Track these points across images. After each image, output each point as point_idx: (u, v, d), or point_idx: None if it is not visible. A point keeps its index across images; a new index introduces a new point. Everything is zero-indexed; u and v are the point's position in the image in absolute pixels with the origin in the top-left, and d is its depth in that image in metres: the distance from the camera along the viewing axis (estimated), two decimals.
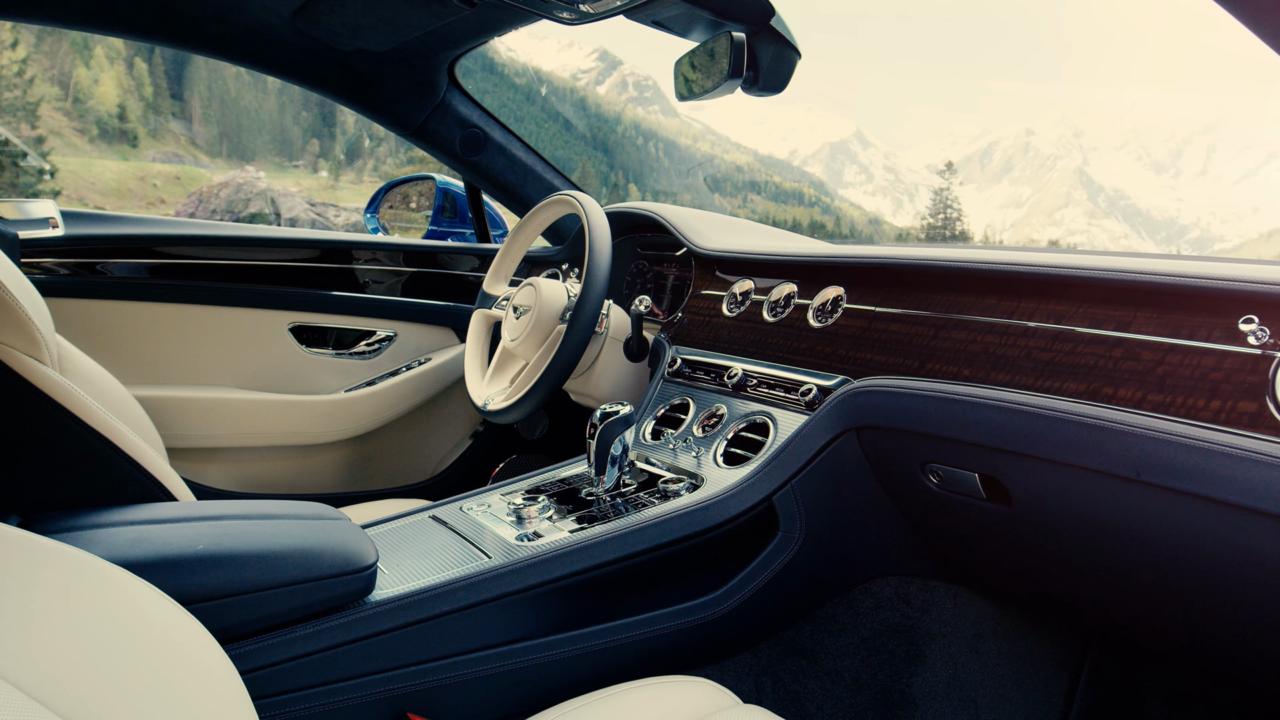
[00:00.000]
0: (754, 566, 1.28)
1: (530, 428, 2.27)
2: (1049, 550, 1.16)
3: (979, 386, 1.12)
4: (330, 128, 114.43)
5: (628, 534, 1.20)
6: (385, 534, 1.29)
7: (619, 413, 1.33)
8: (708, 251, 1.72)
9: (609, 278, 1.54)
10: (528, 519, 1.27)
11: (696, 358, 1.61)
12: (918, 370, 1.22)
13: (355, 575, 1.03)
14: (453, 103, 2.03)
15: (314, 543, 1.03)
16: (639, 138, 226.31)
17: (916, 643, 1.41)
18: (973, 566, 1.37)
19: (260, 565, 0.98)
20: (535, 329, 1.63)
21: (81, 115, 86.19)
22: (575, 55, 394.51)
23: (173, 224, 1.99)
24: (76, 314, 1.82)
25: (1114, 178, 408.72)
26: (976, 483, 1.15)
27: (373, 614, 1.04)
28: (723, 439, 1.41)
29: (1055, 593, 1.28)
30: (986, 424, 1.09)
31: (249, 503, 1.09)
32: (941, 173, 67.35)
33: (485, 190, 2.22)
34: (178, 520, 1.04)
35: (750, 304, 1.59)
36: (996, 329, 1.16)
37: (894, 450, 1.24)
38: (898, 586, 1.41)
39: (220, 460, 1.96)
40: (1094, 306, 1.08)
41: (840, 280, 1.44)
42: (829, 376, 1.34)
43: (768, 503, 1.27)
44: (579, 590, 1.18)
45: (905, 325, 1.28)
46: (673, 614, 1.23)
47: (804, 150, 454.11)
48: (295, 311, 2.03)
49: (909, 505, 1.31)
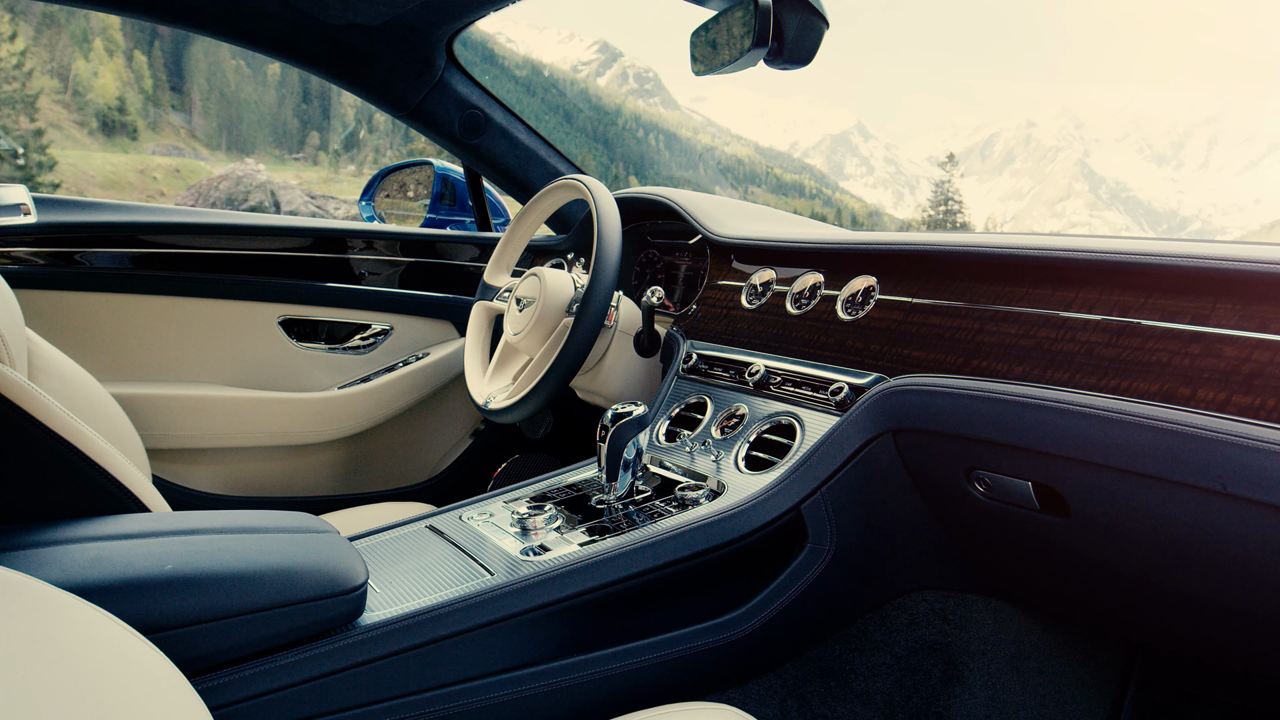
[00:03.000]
0: (780, 582, 1.17)
1: (534, 426, 2.18)
2: (1107, 564, 1.06)
3: (1034, 386, 1.01)
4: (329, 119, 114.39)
5: (643, 548, 1.09)
6: (377, 546, 1.18)
7: (632, 413, 1.22)
8: (724, 239, 1.60)
9: (619, 267, 1.44)
10: (533, 530, 1.17)
11: (713, 353, 1.50)
12: (962, 368, 1.11)
13: (342, 597, 0.93)
14: (451, 82, 1.91)
15: (297, 561, 0.93)
16: (639, 130, 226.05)
17: (954, 662, 1.31)
18: (1016, 580, 1.26)
19: (235, 587, 0.88)
20: (540, 322, 1.54)
21: (81, 108, 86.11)
22: (576, 47, 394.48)
23: (154, 211, 1.88)
24: (50, 307, 1.72)
25: (1115, 169, 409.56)
26: (1030, 492, 1.04)
27: (362, 640, 0.94)
28: (744, 442, 1.30)
29: (1104, 607, 1.18)
30: (1043, 428, 0.98)
31: (226, 514, 0.99)
32: (943, 165, 67.04)
33: (486, 175, 2.11)
34: (145, 535, 0.94)
35: (772, 295, 1.48)
36: (1052, 322, 1.05)
37: (935, 455, 1.13)
38: (934, 601, 1.31)
39: (206, 462, 1.87)
40: (1164, 297, 0.97)
41: (871, 269, 1.33)
42: (862, 374, 1.23)
43: (795, 512, 1.17)
44: (589, 610, 1.07)
45: (947, 318, 1.17)
46: (692, 635, 1.13)
47: (804, 142, 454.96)
48: (285, 304, 1.94)
49: (950, 515, 1.20)
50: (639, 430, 1.22)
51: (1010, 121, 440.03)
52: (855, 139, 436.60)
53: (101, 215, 1.79)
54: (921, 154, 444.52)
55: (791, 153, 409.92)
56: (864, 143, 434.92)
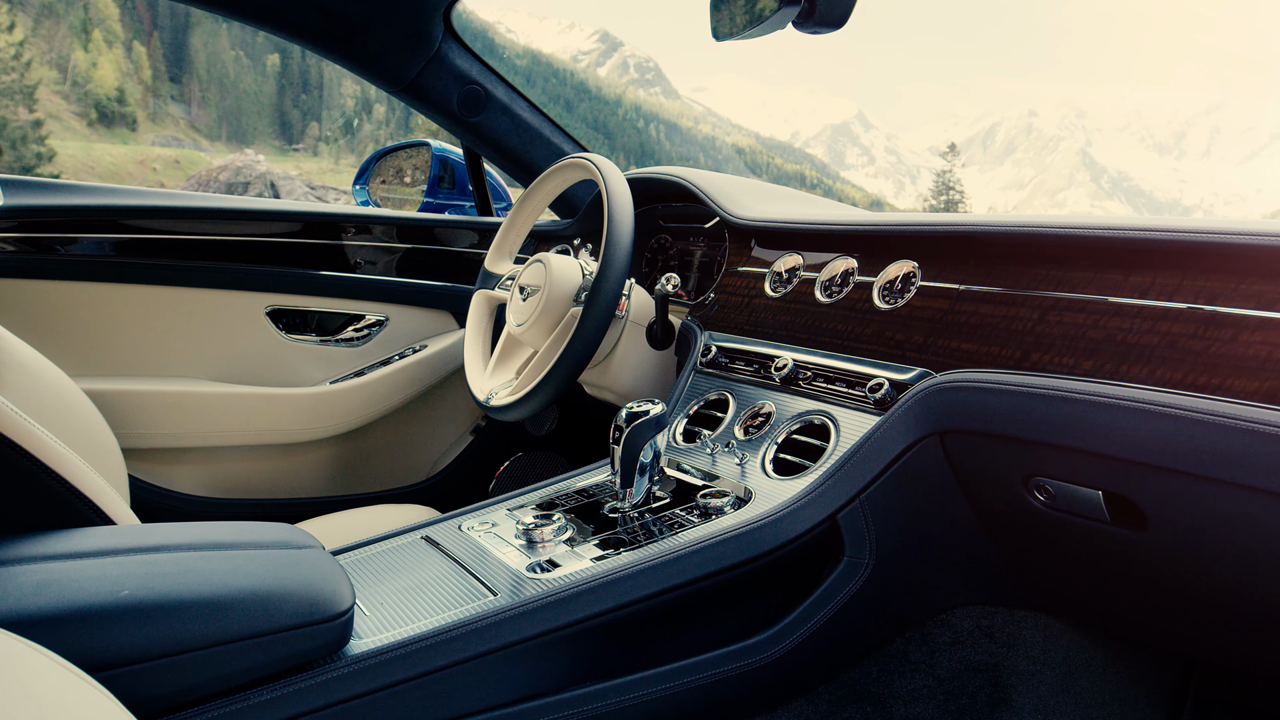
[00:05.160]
0: (814, 599, 1.06)
1: (538, 423, 2.08)
2: (1182, 581, 0.95)
3: (1106, 383, 0.90)
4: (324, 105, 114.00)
5: (663, 564, 0.98)
6: (366, 561, 1.07)
7: (649, 412, 1.11)
8: (745, 221, 1.48)
9: (632, 251, 1.32)
10: (540, 543, 1.06)
11: (734, 345, 1.38)
12: (1020, 362, 1.00)
13: (325, 624, 0.82)
14: (449, 55, 1.79)
15: (273, 582, 0.82)
16: (640, 120, 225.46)
17: (1001, 684, 1.19)
18: (1072, 595, 1.15)
19: (201, 615, 0.77)
20: (545, 312, 1.42)
21: (80, 99, 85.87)
22: (576, 37, 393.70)
23: (131, 194, 1.76)
24: (18, 296, 1.61)
25: (1117, 159, 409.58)
26: (1100, 502, 0.93)
27: (347, 673, 0.84)
28: (772, 443, 1.18)
29: (1168, 623, 1.07)
30: (1119, 430, 0.87)
31: (196, 528, 0.88)
32: (944, 154, 66.62)
33: (486, 156, 2.00)
34: (102, 554, 0.82)
35: (799, 282, 1.36)
36: (1125, 311, 0.93)
37: (989, 460, 1.02)
38: (979, 618, 1.19)
39: (189, 462, 1.76)
40: (1260, 282, 0.85)
41: (911, 253, 1.21)
42: (904, 369, 1.11)
43: (831, 522, 1.05)
44: (604, 634, 0.96)
45: (1001, 307, 1.05)
46: (716, 659, 1.02)
47: (805, 132, 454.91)
48: (273, 293, 1.83)
49: (1002, 526, 1.08)
50: (657, 431, 1.11)
51: (1012, 111, 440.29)
52: (856, 129, 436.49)
53: (74, 198, 1.67)
54: (923, 144, 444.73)
55: (792, 142, 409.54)
56: (865, 132, 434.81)
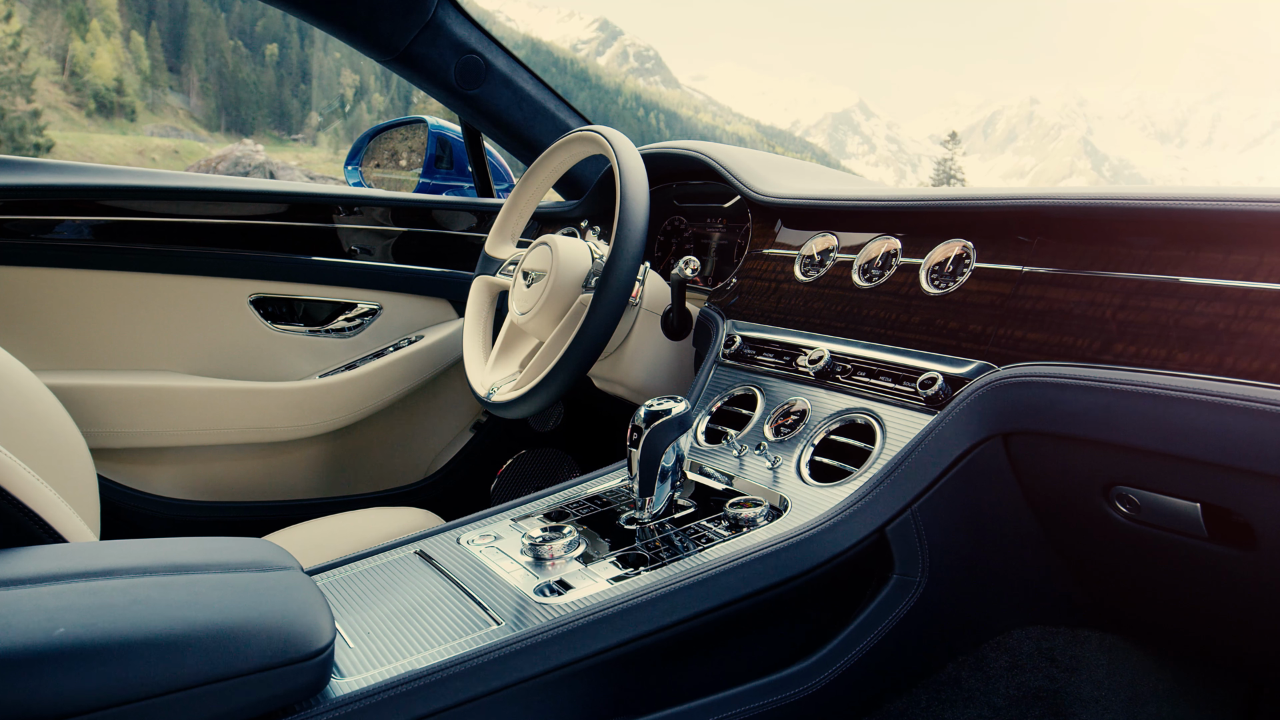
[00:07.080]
0: (859, 623, 0.94)
1: (542, 418, 1.97)
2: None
3: (1207, 378, 0.77)
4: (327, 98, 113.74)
5: (690, 586, 0.86)
6: (352, 579, 0.95)
7: (671, 411, 0.98)
8: (771, 199, 1.35)
9: (647, 231, 1.20)
10: (549, 559, 0.93)
11: (761, 335, 1.26)
12: (1100, 354, 0.87)
13: (299, 665, 0.70)
14: (445, 21, 1.66)
15: (238, 615, 0.70)
16: (640, 109, 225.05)
17: (1063, 712, 1.07)
18: (1145, 616, 1.02)
19: (152, 657, 0.65)
20: (551, 299, 1.30)
21: (79, 89, 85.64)
22: (576, 25, 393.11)
23: (104, 172, 1.64)
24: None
25: (1118, 147, 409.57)
26: (1198, 516, 0.80)
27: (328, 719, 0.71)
28: (808, 445, 1.06)
29: (1252, 645, 0.95)
30: (1223, 433, 0.75)
31: (154, 546, 0.76)
32: (945, 143, 66.13)
33: (486, 132, 1.87)
34: (40, 580, 0.70)
35: (833, 265, 1.23)
36: (1228, 295, 0.81)
37: (1063, 466, 0.89)
38: (1040, 640, 1.07)
39: (168, 462, 1.64)
40: None
41: (963, 232, 1.08)
42: (960, 361, 0.98)
43: (879, 535, 0.93)
44: (623, 667, 0.84)
45: (1074, 291, 0.92)
46: (750, 693, 0.90)
47: (806, 121, 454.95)
48: (258, 280, 1.72)
49: (1074, 540, 0.96)
50: (680, 433, 0.99)
51: (1013, 99, 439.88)
52: (857, 117, 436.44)
53: (41, 177, 1.55)
54: (924, 132, 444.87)
55: (793, 131, 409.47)
56: (866, 121, 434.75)
